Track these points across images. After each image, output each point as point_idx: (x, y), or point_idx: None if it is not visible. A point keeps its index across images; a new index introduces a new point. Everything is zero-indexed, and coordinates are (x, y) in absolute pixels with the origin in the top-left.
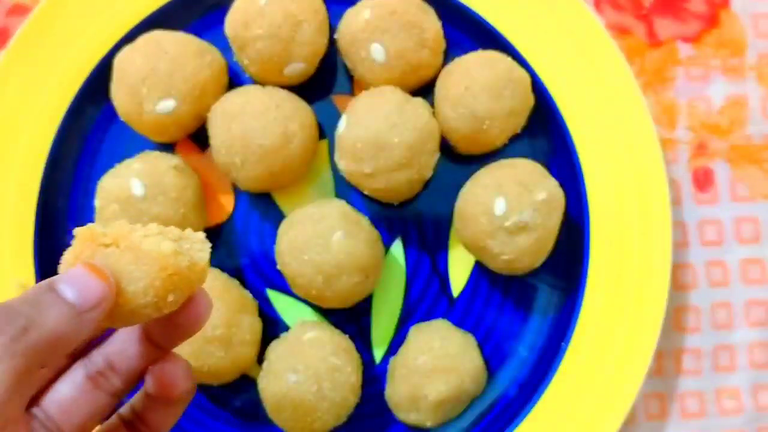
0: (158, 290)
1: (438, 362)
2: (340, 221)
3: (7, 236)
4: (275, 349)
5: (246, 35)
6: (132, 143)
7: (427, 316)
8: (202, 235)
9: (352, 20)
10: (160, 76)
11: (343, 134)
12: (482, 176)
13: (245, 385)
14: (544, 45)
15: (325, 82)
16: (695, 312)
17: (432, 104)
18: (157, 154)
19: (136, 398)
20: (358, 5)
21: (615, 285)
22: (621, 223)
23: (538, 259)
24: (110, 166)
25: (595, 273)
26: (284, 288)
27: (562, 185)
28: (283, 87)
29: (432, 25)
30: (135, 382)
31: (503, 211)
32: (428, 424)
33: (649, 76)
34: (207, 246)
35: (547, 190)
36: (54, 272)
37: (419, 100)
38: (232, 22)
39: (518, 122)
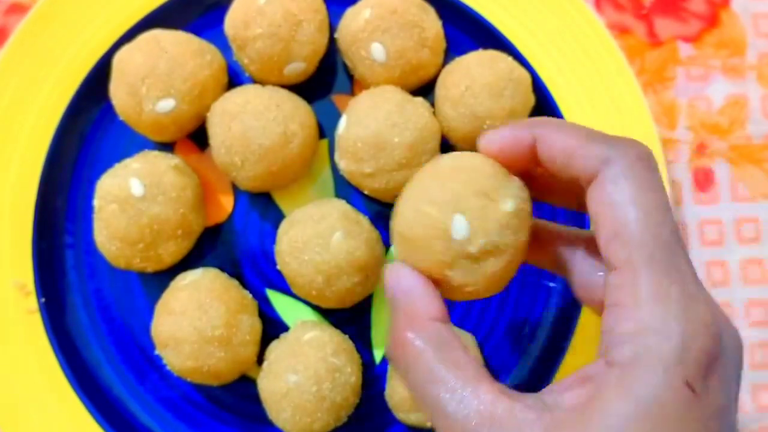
0: None
1: None
2: (340, 221)
3: (6, 236)
4: (275, 349)
5: (246, 34)
6: (131, 143)
7: None
8: None
9: (352, 20)
10: (159, 75)
11: (343, 134)
12: (427, 188)
13: (245, 385)
14: (545, 45)
15: (325, 82)
16: None
17: (432, 104)
18: (156, 153)
19: None
20: (358, 5)
21: None
22: None
23: (508, 280)
24: (109, 165)
25: None
26: (284, 288)
27: None
28: (283, 87)
29: (432, 24)
30: None
31: (464, 235)
32: (428, 424)
33: (649, 75)
34: None
35: (512, 195)
36: (52, 272)
37: (419, 100)
38: (231, 21)
39: None
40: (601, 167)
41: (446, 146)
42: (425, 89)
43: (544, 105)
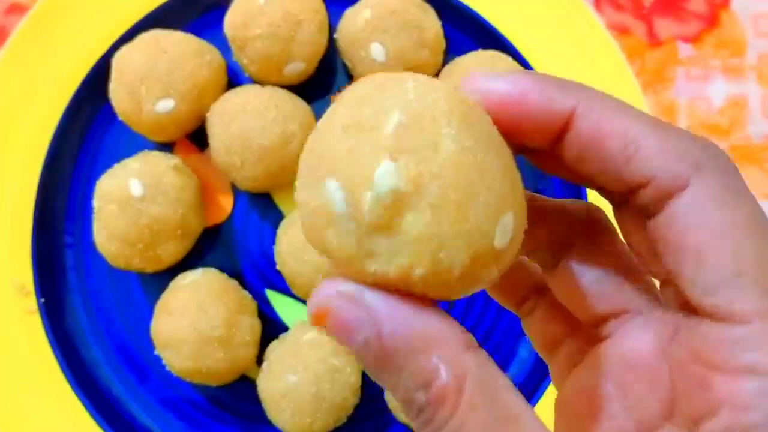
0: None
1: None
2: None
3: (5, 236)
4: (274, 349)
5: (245, 35)
6: (131, 143)
7: None
8: None
9: (351, 20)
10: (159, 75)
11: None
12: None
13: (245, 385)
14: (545, 45)
15: (325, 82)
16: None
17: None
18: (156, 154)
19: None
20: (358, 5)
21: None
22: None
23: (479, 224)
24: (109, 166)
25: None
26: (283, 288)
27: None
28: (283, 87)
29: (432, 25)
30: None
31: (344, 201)
32: None
33: (649, 76)
34: None
35: (399, 106)
36: (51, 272)
37: None
38: (231, 22)
39: None
40: (691, 173)
41: None
42: None
43: None
